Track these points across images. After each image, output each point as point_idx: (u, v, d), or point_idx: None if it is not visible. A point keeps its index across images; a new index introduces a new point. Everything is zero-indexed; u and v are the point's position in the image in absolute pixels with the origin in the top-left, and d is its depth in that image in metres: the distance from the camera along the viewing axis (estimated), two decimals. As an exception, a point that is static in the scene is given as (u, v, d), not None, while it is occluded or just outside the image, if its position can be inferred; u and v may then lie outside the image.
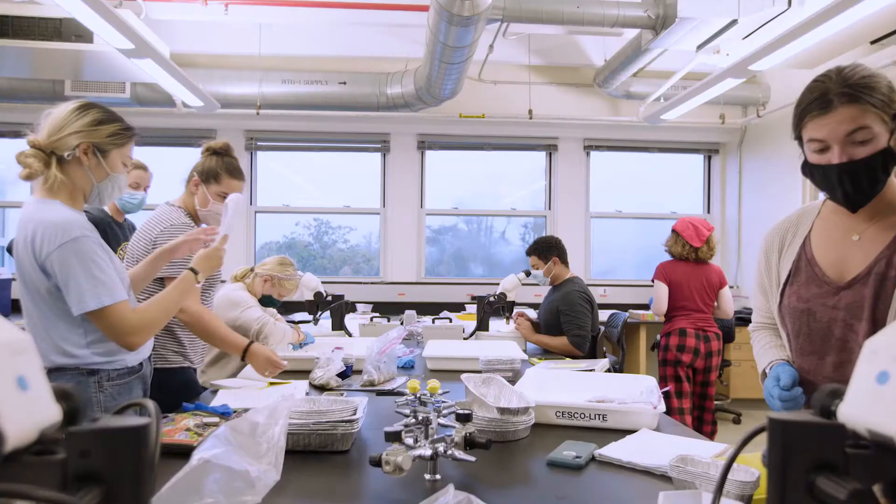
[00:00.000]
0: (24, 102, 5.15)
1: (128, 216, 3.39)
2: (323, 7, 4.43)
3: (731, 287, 6.09)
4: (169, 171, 5.94)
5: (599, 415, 1.75)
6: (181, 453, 1.35)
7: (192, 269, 1.85)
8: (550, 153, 6.27)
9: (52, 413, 0.65)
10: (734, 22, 3.65)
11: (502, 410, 1.63)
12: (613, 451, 1.50)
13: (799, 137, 1.30)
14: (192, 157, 5.72)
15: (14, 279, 4.96)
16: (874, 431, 0.67)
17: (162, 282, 2.16)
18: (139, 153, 5.74)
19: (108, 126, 1.66)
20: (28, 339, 0.66)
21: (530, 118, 5.58)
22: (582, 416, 1.77)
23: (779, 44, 3.37)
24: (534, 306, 4.51)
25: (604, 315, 5.04)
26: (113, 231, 3.11)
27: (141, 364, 1.80)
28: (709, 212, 6.37)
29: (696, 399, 3.98)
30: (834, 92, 1.20)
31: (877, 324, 1.20)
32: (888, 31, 3.86)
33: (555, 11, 3.82)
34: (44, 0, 3.39)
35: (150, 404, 0.72)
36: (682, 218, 4.06)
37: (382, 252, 6.21)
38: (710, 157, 6.36)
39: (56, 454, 0.62)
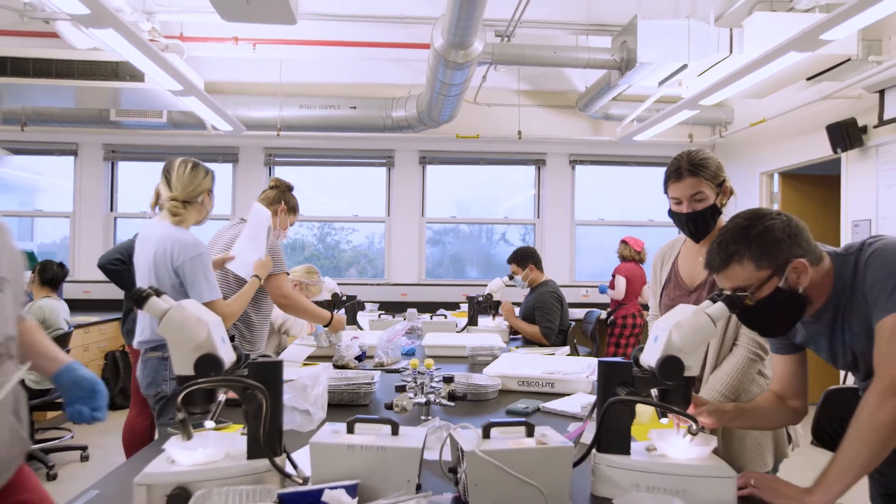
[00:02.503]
0: (72, 126, 5.83)
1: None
2: (337, 45, 5.12)
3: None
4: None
5: (548, 383, 2.43)
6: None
7: (256, 276, 2.56)
8: (539, 167, 6.94)
9: (233, 356, 1.34)
10: (685, 65, 4.32)
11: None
12: (552, 405, 2.17)
13: (666, 193, 1.97)
14: (221, 171, 6.56)
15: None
16: (649, 366, 1.35)
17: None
18: None
19: (209, 175, 2.38)
20: (219, 318, 1.35)
21: (519, 138, 6.25)
22: (536, 384, 2.44)
23: (720, 85, 4.03)
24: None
25: (581, 313, 5.73)
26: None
27: None
28: (683, 220, 7.03)
29: None
30: (684, 167, 1.87)
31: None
32: (821, 70, 4.52)
33: (535, 56, 4.50)
34: (105, 48, 4.05)
35: (272, 354, 1.44)
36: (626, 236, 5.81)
37: (387, 256, 6.89)
38: (684, 171, 7.01)
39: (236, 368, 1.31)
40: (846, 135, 4.44)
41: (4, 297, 1.31)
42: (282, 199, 3.09)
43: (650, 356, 1.37)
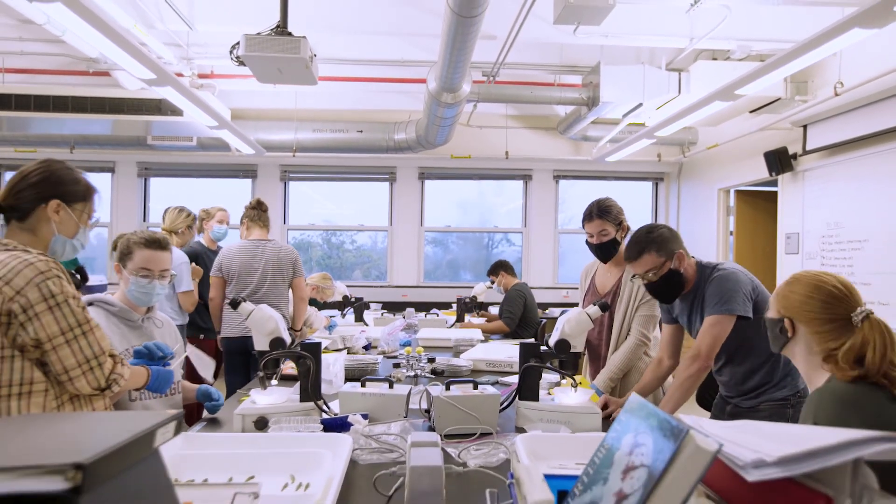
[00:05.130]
0: (113, 148, 6.63)
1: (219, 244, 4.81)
2: (345, 80, 5.91)
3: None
4: (224, 196, 7.47)
5: (508, 364, 3.21)
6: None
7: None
8: (526, 181, 7.73)
9: (289, 339, 2.14)
10: (641, 104, 5.10)
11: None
12: (508, 378, 2.95)
13: (584, 229, 2.75)
14: (241, 186, 7.64)
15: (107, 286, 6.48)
16: (552, 345, 2.15)
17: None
18: (203, 185, 7.53)
19: (187, 216, 3.87)
20: (280, 315, 2.16)
21: (506, 158, 7.03)
22: (500, 364, 3.22)
23: (670, 121, 4.80)
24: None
25: (557, 311, 6.50)
26: (209, 258, 4.51)
27: None
28: (657, 228, 7.80)
29: None
30: (594, 212, 2.66)
31: (613, 315, 2.67)
32: (762, 104, 5.29)
33: (515, 94, 5.31)
34: (150, 87, 4.84)
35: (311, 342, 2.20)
36: None
37: (389, 261, 7.69)
38: (657, 184, 7.80)
39: (291, 346, 2.11)
40: (779, 161, 5.21)
41: (176, 364, 2.14)
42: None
43: (552, 339, 2.16)
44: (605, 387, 2.58)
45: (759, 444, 0.79)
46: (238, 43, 3.20)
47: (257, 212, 4.05)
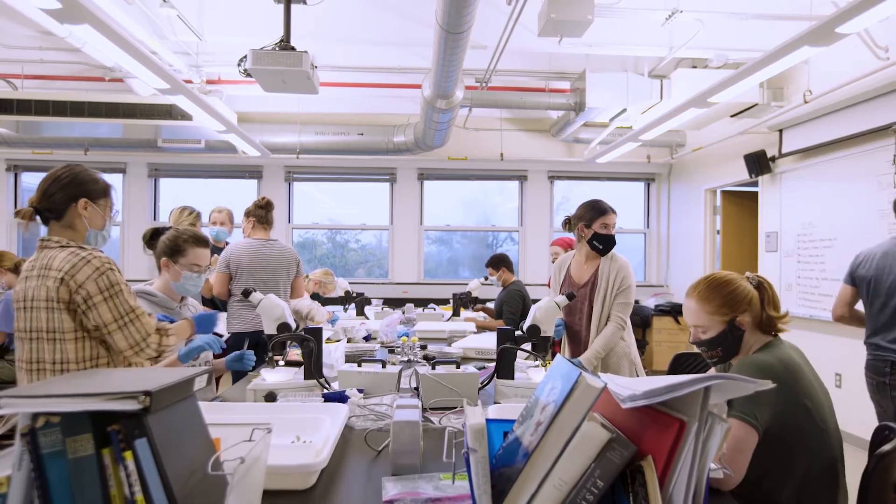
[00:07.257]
0: (125, 150, 6.94)
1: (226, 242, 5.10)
2: (345, 86, 6.20)
3: (661, 286, 7.80)
4: (230, 196, 7.77)
5: (494, 352, 3.49)
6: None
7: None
8: (522, 182, 8.01)
9: (294, 324, 2.43)
10: (625, 109, 5.38)
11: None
12: (493, 364, 3.24)
13: (589, 226, 3.02)
14: (247, 186, 7.99)
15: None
16: (525, 329, 2.44)
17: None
18: (211, 185, 7.86)
19: (189, 213, 4.00)
20: (286, 304, 2.46)
21: (501, 159, 7.32)
22: (487, 352, 3.51)
23: (652, 125, 5.08)
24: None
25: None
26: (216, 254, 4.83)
27: None
28: (648, 227, 8.08)
29: None
30: (608, 208, 2.95)
31: (592, 304, 2.96)
32: (741, 109, 5.55)
33: (506, 100, 5.58)
34: (164, 94, 5.14)
35: (313, 328, 2.51)
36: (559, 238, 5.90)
37: (391, 259, 7.98)
38: (648, 185, 8.07)
39: (296, 331, 2.41)
40: (758, 163, 5.48)
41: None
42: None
43: (525, 325, 2.44)
44: (588, 365, 2.86)
45: (639, 386, 1.07)
46: (245, 56, 3.48)
47: (264, 212, 4.29)
